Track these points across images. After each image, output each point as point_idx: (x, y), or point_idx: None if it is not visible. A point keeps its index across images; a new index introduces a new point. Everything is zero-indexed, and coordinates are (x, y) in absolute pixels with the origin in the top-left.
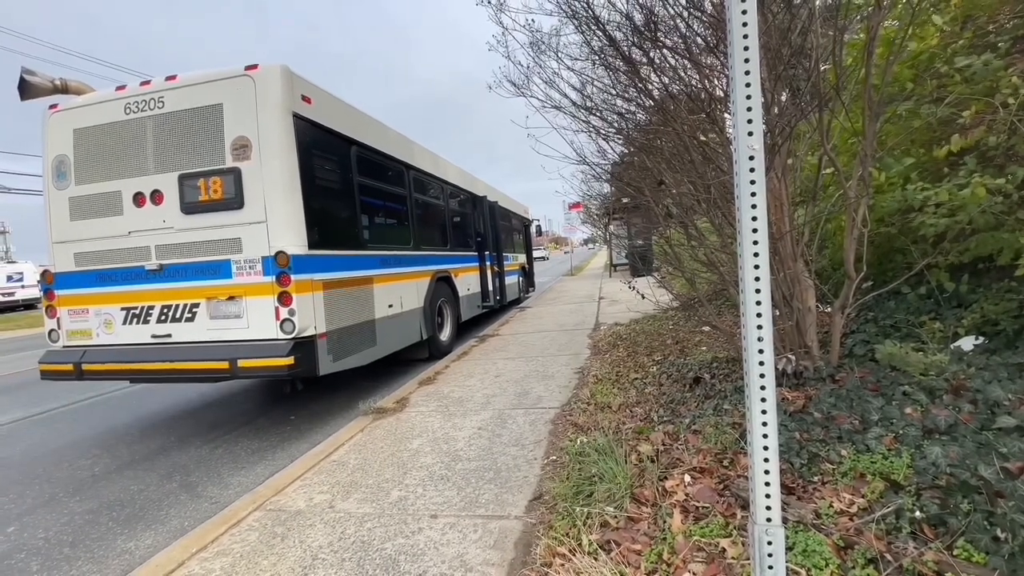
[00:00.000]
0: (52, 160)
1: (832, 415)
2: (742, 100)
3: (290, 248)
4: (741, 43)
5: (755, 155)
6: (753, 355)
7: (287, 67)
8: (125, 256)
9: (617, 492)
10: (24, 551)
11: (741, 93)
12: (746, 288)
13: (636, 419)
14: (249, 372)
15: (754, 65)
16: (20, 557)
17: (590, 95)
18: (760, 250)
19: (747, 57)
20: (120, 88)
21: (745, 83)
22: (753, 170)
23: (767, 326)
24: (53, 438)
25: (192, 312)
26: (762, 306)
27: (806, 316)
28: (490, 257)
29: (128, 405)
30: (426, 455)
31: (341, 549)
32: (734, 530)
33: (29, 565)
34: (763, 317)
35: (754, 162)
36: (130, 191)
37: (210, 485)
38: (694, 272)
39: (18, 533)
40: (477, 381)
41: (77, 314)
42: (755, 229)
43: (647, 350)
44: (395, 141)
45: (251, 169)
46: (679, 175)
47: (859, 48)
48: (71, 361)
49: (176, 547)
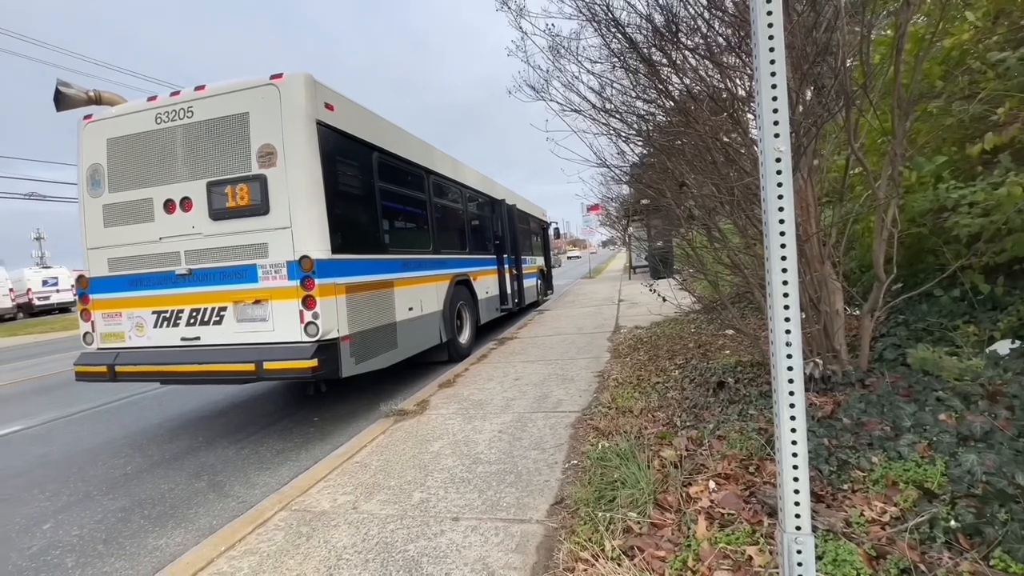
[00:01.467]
0: (87, 169)
1: (862, 421)
2: (767, 100)
3: (314, 253)
4: (766, 43)
5: (782, 156)
6: (781, 359)
7: (310, 75)
8: (156, 261)
9: (640, 498)
10: (60, 547)
11: (767, 93)
12: (773, 291)
13: (658, 424)
14: (274, 374)
15: (780, 65)
16: (56, 553)
17: (609, 97)
18: (788, 252)
19: (773, 58)
20: (151, 99)
21: (771, 84)
22: (780, 172)
23: (795, 330)
24: (87, 437)
25: (220, 315)
26: (790, 309)
27: (834, 319)
28: (508, 260)
29: (158, 406)
30: (447, 457)
31: (365, 550)
32: (761, 538)
33: (64, 561)
34: (791, 321)
35: (781, 164)
36: (161, 198)
37: (237, 485)
38: (717, 274)
39: (54, 530)
40: (496, 384)
41: (111, 317)
42: (783, 232)
43: (669, 354)
44: (415, 147)
45: (276, 176)
46: (701, 176)
47: (887, 45)
48: (105, 363)
49: (205, 545)
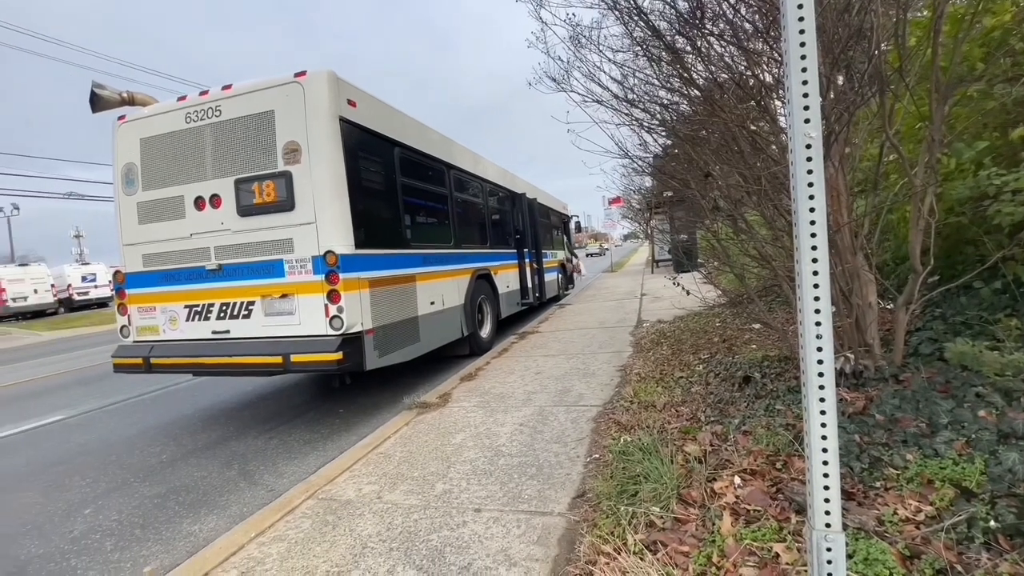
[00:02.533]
0: (121, 168)
1: (896, 417)
2: (798, 85)
3: (338, 248)
4: (796, 25)
5: (812, 143)
6: (811, 353)
7: (333, 72)
8: (187, 257)
9: (663, 492)
10: (99, 531)
11: (797, 78)
12: (803, 283)
13: (682, 419)
14: (301, 367)
15: (811, 49)
16: (96, 537)
17: (632, 87)
18: (819, 243)
19: (803, 40)
20: (181, 99)
21: (801, 67)
22: (810, 159)
23: (826, 322)
24: (125, 426)
25: (248, 310)
26: (821, 302)
27: (866, 313)
28: (529, 254)
29: (191, 397)
30: (469, 450)
31: (389, 539)
32: (788, 535)
33: (104, 544)
34: (822, 313)
35: (811, 151)
36: (191, 195)
37: (266, 474)
38: (744, 267)
39: (94, 515)
40: (518, 378)
41: (145, 311)
42: (813, 221)
43: (693, 348)
44: (436, 142)
45: (301, 172)
46: (727, 166)
47: (923, 27)
48: (141, 355)
49: (236, 531)
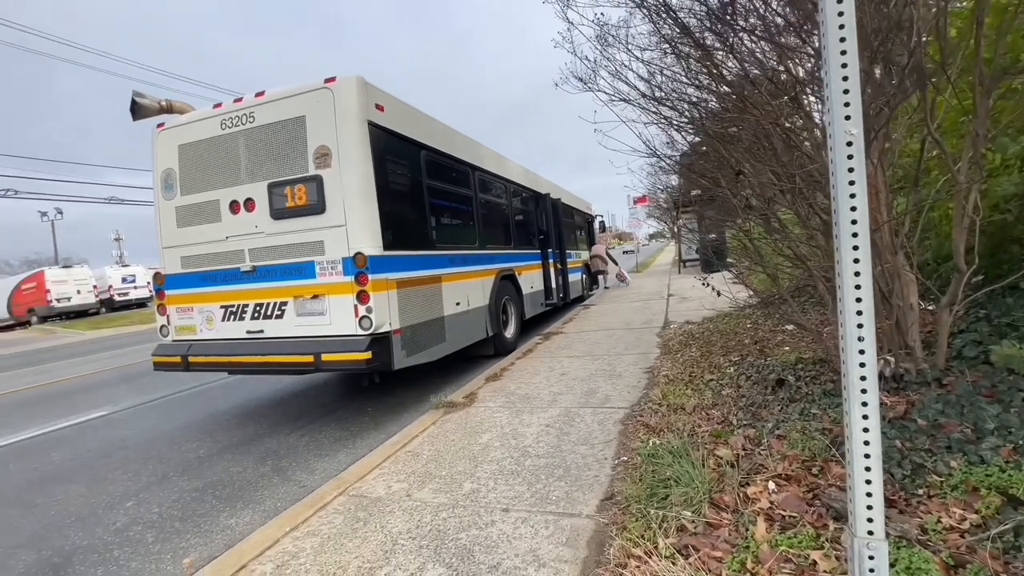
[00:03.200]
0: (160, 173)
1: (939, 423)
2: (837, 81)
3: (367, 249)
4: (836, 20)
5: (853, 140)
6: (853, 355)
7: (362, 78)
8: (223, 259)
9: (694, 496)
10: (141, 524)
11: (836, 73)
12: (844, 283)
13: (713, 422)
14: (331, 366)
15: (851, 44)
16: (137, 529)
17: (659, 84)
18: (860, 242)
19: (843, 36)
20: (217, 106)
21: (841, 63)
22: (851, 156)
23: (868, 324)
24: (164, 422)
25: (281, 310)
26: (863, 303)
27: (907, 314)
28: (553, 255)
29: (225, 395)
30: (495, 450)
31: (419, 536)
32: (826, 542)
33: (145, 536)
34: (864, 315)
35: (852, 148)
36: (227, 199)
37: (298, 470)
38: (777, 267)
39: (135, 507)
40: (543, 379)
41: (183, 312)
42: (854, 220)
43: (723, 350)
44: (461, 143)
45: (331, 176)
46: (760, 164)
47: (965, 18)
48: (179, 354)
49: (271, 526)
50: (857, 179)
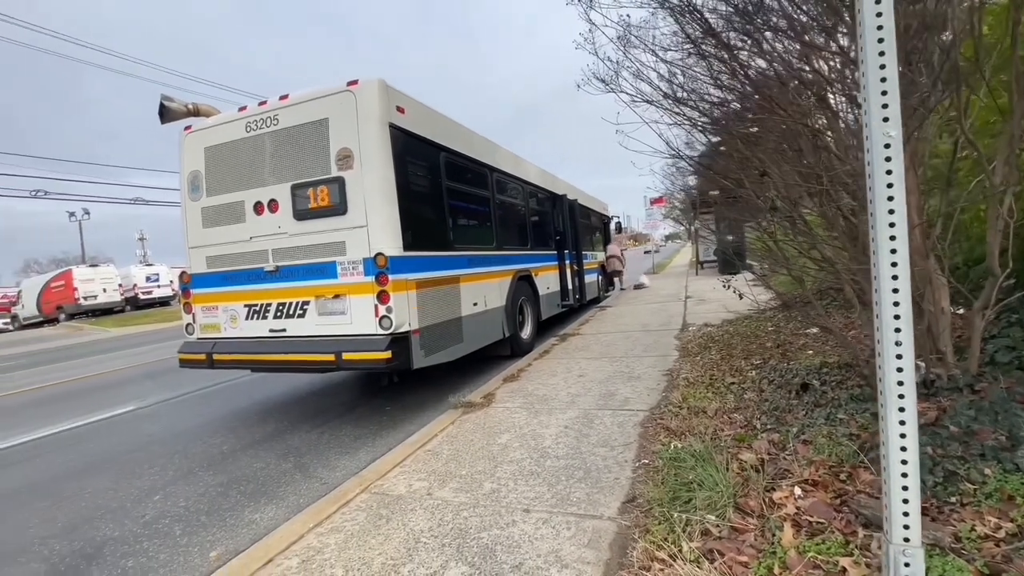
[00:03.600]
0: (187, 175)
1: (972, 429)
2: (875, 82)
3: (388, 250)
4: (874, 21)
5: (891, 142)
6: (889, 359)
7: (383, 80)
8: (247, 259)
9: (719, 500)
10: (168, 517)
11: (874, 75)
12: (881, 287)
13: (735, 426)
14: (352, 364)
15: (890, 45)
16: (165, 522)
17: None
18: (898, 246)
19: (881, 37)
20: (242, 109)
21: (879, 64)
22: (889, 159)
23: (906, 328)
24: (189, 418)
25: (303, 309)
26: (900, 307)
27: (939, 318)
28: (569, 256)
29: (247, 392)
30: (515, 450)
31: (441, 535)
32: (856, 549)
33: (173, 529)
34: (901, 319)
35: (890, 150)
36: (251, 201)
37: (319, 467)
38: (802, 269)
39: (163, 501)
40: (560, 380)
41: (208, 310)
42: (892, 223)
43: (744, 353)
44: (479, 145)
45: (353, 177)
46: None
47: (998, 15)
48: (204, 351)
49: (296, 521)
50: (895, 181)
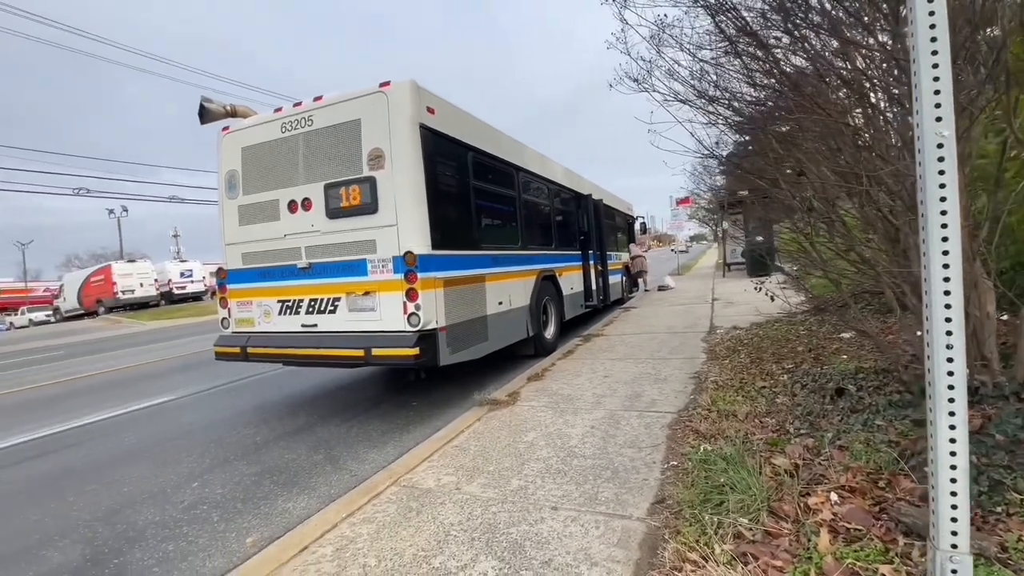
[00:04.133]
0: (225, 175)
1: (1019, 438)
2: (928, 82)
3: (417, 248)
4: (926, 20)
5: (944, 142)
6: (940, 364)
7: (415, 82)
8: (281, 256)
9: (752, 504)
10: (206, 503)
11: (927, 74)
12: (932, 290)
13: (767, 430)
14: (380, 360)
15: (943, 44)
16: (203, 508)
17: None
18: (951, 247)
19: (934, 36)
20: (277, 110)
21: (932, 64)
22: (942, 159)
23: (958, 332)
24: (224, 409)
25: (334, 305)
26: (952, 310)
27: (984, 324)
28: (593, 256)
29: (279, 385)
30: (541, 448)
31: (470, 529)
32: (896, 557)
33: (211, 516)
34: (953, 323)
35: (943, 150)
36: (286, 199)
37: (349, 459)
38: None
39: (200, 488)
40: (585, 380)
41: (243, 305)
42: (944, 224)
43: (774, 357)
44: (506, 145)
45: (384, 177)
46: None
47: None
48: (239, 345)
49: (329, 511)
50: (948, 182)
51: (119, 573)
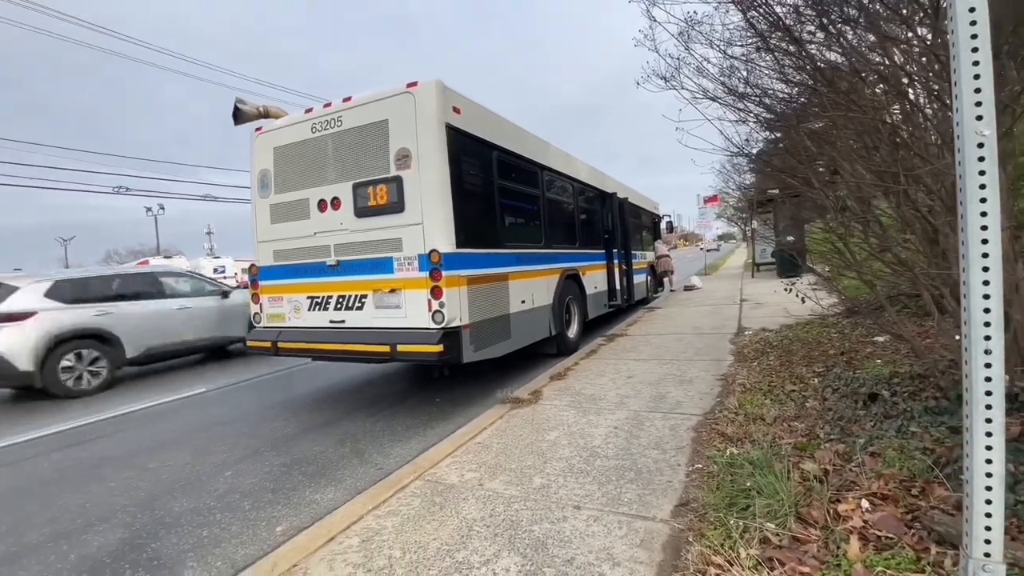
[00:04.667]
0: (257, 174)
1: None
2: (968, 79)
3: (441, 247)
4: (967, 16)
5: (985, 142)
6: (977, 368)
7: (441, 82)
8: (311, 253)
9: (779, 509)
10: (238, 492)
11: (967, 71)
12: (971, 294)
13: (796, 434)
14: (405, 356)
15: (983, 40)
16: (235, 497)
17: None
18: (991, 250)
19: (975, 32)
20: (308, 111)
21: (973, 61)
22: (983, 159)
23: (996, 336)
24: (254, 402)
25: (361, 302)
26: (991, 314)
27: None
28: (618, 255)
29: (307, 379)
30: (563, 447)
31: (493, 525)
32: (928, 566)
33: (242, 504)
34: (992, 327)
35: (984, 150)
36: (315, 198)
37: (375, 453)
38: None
39: (233, 477)
40: (608, 380)
41: (274, 301)
42: (984, 226)
43: (804, 360)
44: (531, 144)
45: (411, 176)
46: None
47: None
48: (270, 339)
49: (355, 503)
50: (988, 183)
51: (156, 557)
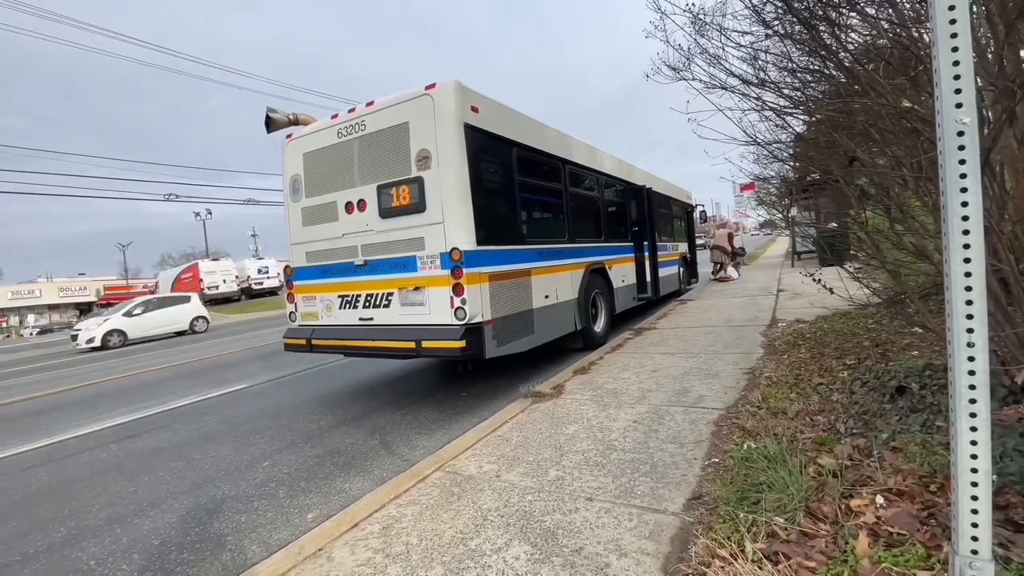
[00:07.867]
0: (289, 179)
1: None
2: (947, 65)
3: (463, 245)
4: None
5: (965, 130)
6: (960, 360)
7: (459, 82)
8: (340, 254)
9: (789, 503)
10: (275, 481)
11: (945, 57)
12: (952, 284)
13: (817, 428)
14: (430, 352)
15: (963, 24)
16: (272, 485)
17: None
18: (973, 240)
19: (953, 18)
20: (334, 116)
21: (952, 46)
22: (963, 147)
23: (979, 327)
24: (291, 396)
25: (388, 300)
26: (974, 306)
27: None
28: (647, 247)
29: (340, 375)
30: (581, 441)
31: (507, 515)
32: (937, 563)
33: (277, 492)
34: (975, 319)
35: (964, 138)
36: (343, 201)
37: (402, 445)
38: (898, 262)
39: (270, 467)
40: (632, 375)
41: (308, 300)
42: (966, 216)
43: (837, 352)
44: (551, 138)
45: (431, 176)
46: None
47: None
48: (304, 337)
49: (378, 492)
50: (969, 172)
51: (199, 540)
